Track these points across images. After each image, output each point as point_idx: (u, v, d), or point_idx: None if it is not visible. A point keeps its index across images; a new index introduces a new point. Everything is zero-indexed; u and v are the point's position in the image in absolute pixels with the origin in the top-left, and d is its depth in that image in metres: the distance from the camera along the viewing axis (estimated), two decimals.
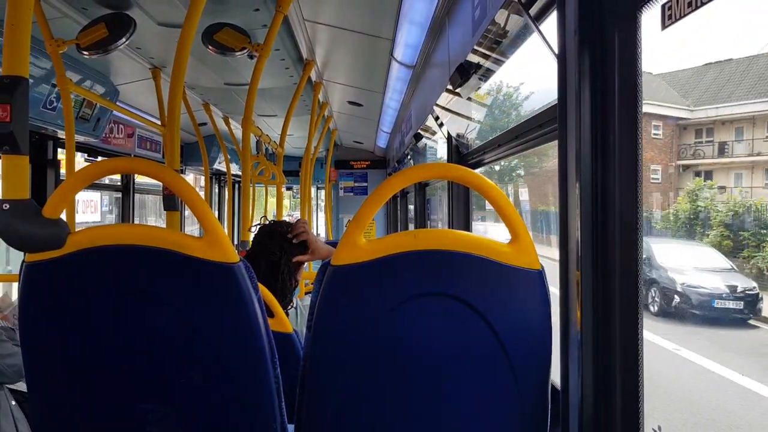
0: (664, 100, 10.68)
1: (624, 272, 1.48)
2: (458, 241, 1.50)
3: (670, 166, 10.57)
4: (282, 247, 2.65)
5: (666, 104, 10.71)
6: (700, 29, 11.29)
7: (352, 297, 1.52)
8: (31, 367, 1.56)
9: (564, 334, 1.66)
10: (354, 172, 12.04)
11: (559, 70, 1.65)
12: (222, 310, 1.50)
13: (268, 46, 3.63)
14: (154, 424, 1.55)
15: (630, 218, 1.48)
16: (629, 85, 1.47)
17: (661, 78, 11.42)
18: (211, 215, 1.52)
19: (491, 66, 2.97)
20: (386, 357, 1.52)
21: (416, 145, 6.03)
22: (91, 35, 3.51)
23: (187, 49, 2.72)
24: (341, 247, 1.52)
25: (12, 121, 1.51)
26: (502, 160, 3.26)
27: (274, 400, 1.56)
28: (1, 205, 1.47)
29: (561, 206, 1.66)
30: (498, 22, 2.39)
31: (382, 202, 1.55)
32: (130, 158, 1.89)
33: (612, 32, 1.48)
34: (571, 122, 1.58)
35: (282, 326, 2.30)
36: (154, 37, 4.17)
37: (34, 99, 4.31)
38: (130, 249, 1.48)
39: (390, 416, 1.54)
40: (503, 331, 1.49)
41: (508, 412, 1.54)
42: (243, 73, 5.00)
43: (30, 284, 1.50)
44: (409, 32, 4.05)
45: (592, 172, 1.51)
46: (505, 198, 1.53)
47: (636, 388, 1.49)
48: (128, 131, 6.79)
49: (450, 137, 4.17)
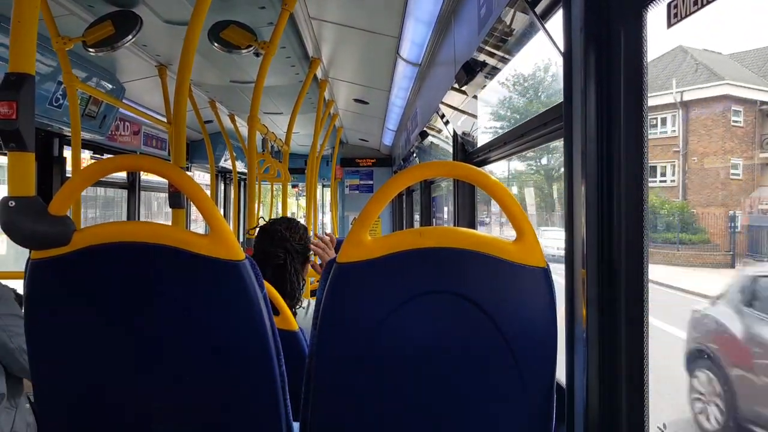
0: (744, 80, 9.40)
1: (630, 271, 1.48)
2: (464, 239, 1.50)
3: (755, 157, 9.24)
4: (285, 248, 2.65)
5: (747, 85, 9.39)
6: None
7: (357, 294, 1.52)
8: (37, 364, 1.56)
9: (569, 332, 1.66)
10: (360, 169, 12.03)
11: (565, 68, 1.65)
12: (228, 307, 1.50)
13: (274, 43, 3.63)
14: (160, 421, 1.55)
15: (636, 216, 1.48)
16: (635, 83, 1.47)
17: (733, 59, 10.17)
18: (216, 213, 1.52)
19: (497, 64, 2.97)
20: (391, 354, 1.52)
21: (422, 143, 6.02)
22: (97, 32, 3.52)
23: (194, 47, 2.72)
24: (347, 244, 1.52)
25: (18, 118, 1.51)
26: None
27: (279, 397, 1.56)
28: (7, 202, 1.47)
29: (567, 204, 1.66)
30: (504, 19, 2.39)
31: (388, 199, 1.54)
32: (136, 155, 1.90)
33: (618, 30, 1.47)
34: (577, 120, 1.57)
35: (287, 324, 2.30)
36: (160, 35, 4.17)
37: (40, 96, 4.32)
38: (136, 246, 1.48)
39: (395, 414, 1.54)
40: (508, 329, 1.49)
41: (514, 410, 1.53)
42: (249, 70, 5.00)
43: (35, 281, 1.50)
44: (415, 30, 4.04)
45: (598, 170, 1.51)
46: (511, 196, 1.52)
47: (641, 387, 1.49)
48: (134, 128, 6.80)
49: (455, 135, 4.17)
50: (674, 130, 9.86)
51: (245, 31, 3.76)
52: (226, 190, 11.39)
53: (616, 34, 1.48)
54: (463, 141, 4.08)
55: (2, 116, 1.51)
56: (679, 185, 9.99)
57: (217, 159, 8.71)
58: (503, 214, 1.55)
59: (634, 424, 1.49)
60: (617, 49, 1.47)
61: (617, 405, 1.50)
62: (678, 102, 9.73)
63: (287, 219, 2.81)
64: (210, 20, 3.66)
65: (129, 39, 3.53)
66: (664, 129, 9.37)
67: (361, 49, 4.97)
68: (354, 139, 11.11)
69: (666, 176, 9.33)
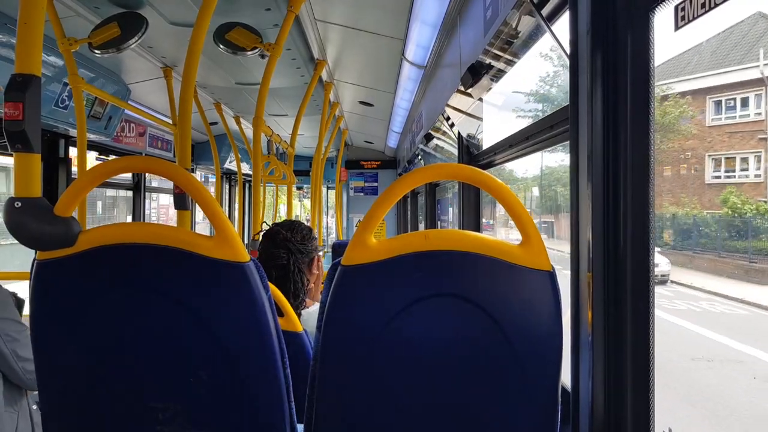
0: None
1: (636, 274, 1.48)
2: (469, 242, 1.49)
3: None
4: (288, 248, 2.66)
5: None
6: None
7: (362, 297, 1.52)
8: (42, 365, 1.56)
9: (575, 335, 1.65)
10: (364, 172, 12.05)
11: (572, 70, 1.64)
12: (232, 308, 1.50)
13: (280, 45, 3.63)
14: (165, 423, 1.55)
15: (642, 219, 1.47)
16: (642, 85, 1.46)
17: None
18: (222, 214, 1.52)
19: (503, 66, 2.97)
20: (396, 357, 1.51)
21: (427, 146, 6.02)
22: (103, 34, 3.53)
23: (199, 49, 2.73)
24: (351, 247, 1.52)
25: (24, 119, 1.51)
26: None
27: (283, 399, 1.56)
28: (13, 203, 1.47)
29: (572, 207, 1.65)
30: (510, 22, 2.39)
31: (393, 202, 1.54)
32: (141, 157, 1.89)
33: (625, 32, 1.47)
34: (583, 122, 1.57)
35: (292, 325, 2.30)
36: (165, 37, 4.19)
37: (46, 97, 4.34)
38: (141, 247, 1.48)
39: (400, 416, 1.54)
40: (513, 332, 1.48)
41: (519, 413, 1.53)
42: (254, 72, 5.01)
43: (41, 282, 1.50)
44: (421, 32, 4.04)
45: (604, 172, 1.50)
46: (516, 199, 1.52)
47: (647, 390, 1.49)
48: (140, 130, 6.82)
49: (460, 137, 4.17)
50: (758, 113, 8.84)
51: (251, 33, 3.77)
52: (230, 192, 11.41)
53: (623, 36, 1.47)
54: (468, 143, 4.07)
55: (8, 117, 1.51)
56: (766, 181, 8.97)
57: (222, 161, 8.73)
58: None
59: (640, 428, 1.49)
60: (624, 52, 1.47)
61: (623, 408, 1.50)
62: (765, 77, 8.73)
63: (289, 221, 2.83)
64: (215, 22, 3.67)
65: (135, 41, 3.54)
66: (745, 111, 8.19)
67: (366, 52, 4.97)
68: (359, 141, 11.13)
69: (748, 170, 8.20)
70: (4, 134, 1.53)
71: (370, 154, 11.91)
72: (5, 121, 1.53)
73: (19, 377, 2.75)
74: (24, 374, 2.75)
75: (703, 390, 9.37)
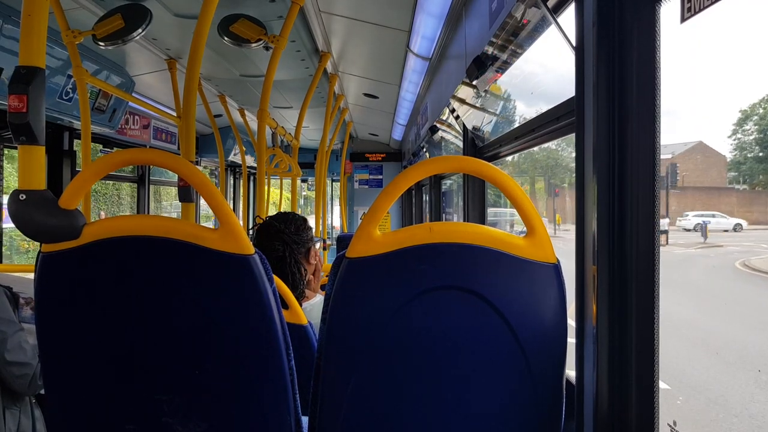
0: None
1: (641, 267, 1.47)
2: (474, 235, 1.49)
3: None
4: (282, 240, 2.66)
5: None
6: None
7: (366, 289, 1.51)
8: (47, 357, 1.56)
9: (579, 328, 1.65)
10: (369, 164, 12.05)
11: (577, 63, 1.64)
12: (237, 301, 1.50)
13: (284, 37, 3.62)
14: (170, 415, 1.55)
15: (647, 212, 1.47)
16: (648, 77, 1.46)
17: None
18: (226, 207, 1.51)
19: (508, 58, 2.95)
20: (401, 349, 1.51)
21: (432, 138, 6.01)
22: (107, 26, 3.53)
23: (203, 40, 2.72)
24: (356, 239, 1.51)
25: (28, 111, 1.51)
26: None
27: (288, 391, 1.56)
28: (18, 195, 1.47)
29: (578, 200, 1.65)
30: (515, 14, 2.38)
31: (398, 194, 1.54)
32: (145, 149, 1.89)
33: (631, 25, 1.46)
34: (589, 115, 1.56)
35: (296, 318, 2.30)
36: (170, 28, 4.18)
37: (50, 89, 4.34)
38: (146, 240, 1.48)
39: (404, 409, 1.54)
40: (518, 325, 1.48)
41: (523, 406, 1.53)
42: (259, 64, 5.00)
43: (46, 274, 1.51)
44: (426, 24, 4.03)
45: (609, 165, 1.50)
46: (522, 191, 1.52)
47: (651, 384, 1.49)
48: (144, 122, 6.83)
49: (465, 130, 4.15)
50: None
51: (255, 25, 3.76)
52: (235, 185, 11.42)
53: (629, 28, 1.46)
54: (474, 135, 4.06)
55: (13, 109, 1.51)
56: None
57: (226, 153, 8.74)
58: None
59: (644, 421, 1.49)
60: (630, 44, 1.46)
61: (627, 401, 1.49)
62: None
63: (281, 213, 2.81)
64: (220, 14, 3.66)
65: (139, 32, 3.54)
66: None
67: (371, 43, 4.96)
68: (364, 133, 11.12)
69: None
70: (8, 126, 1.54)
71: (374, 146, 11.91)
72: (10, 113, 1.53)
73: (8, 382, 2.72)
74: (13, 379, 2.71)
75: None
